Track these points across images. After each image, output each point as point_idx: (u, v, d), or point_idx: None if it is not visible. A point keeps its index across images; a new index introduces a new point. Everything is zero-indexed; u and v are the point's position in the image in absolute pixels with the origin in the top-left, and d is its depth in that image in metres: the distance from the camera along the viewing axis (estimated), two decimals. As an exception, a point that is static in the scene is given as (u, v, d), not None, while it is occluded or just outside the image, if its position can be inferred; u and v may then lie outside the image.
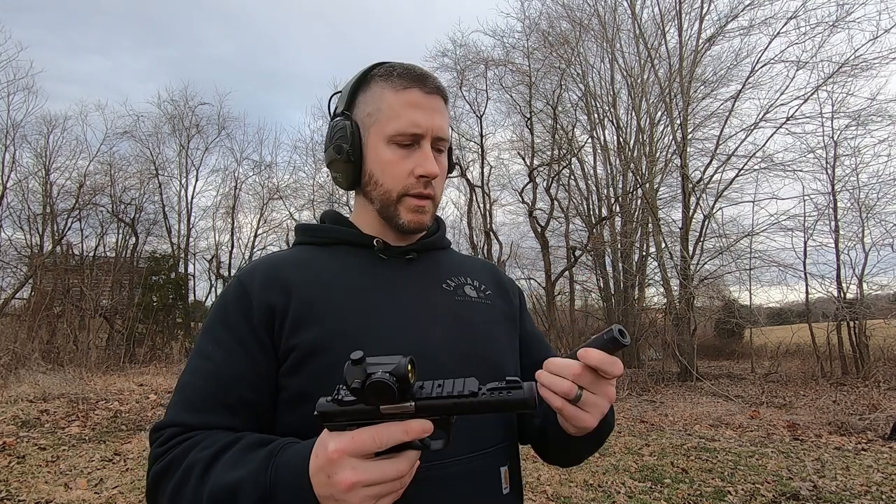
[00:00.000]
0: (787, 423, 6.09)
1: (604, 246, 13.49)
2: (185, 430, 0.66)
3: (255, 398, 0.69)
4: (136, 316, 12.93)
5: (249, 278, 0.74)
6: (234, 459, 0.59)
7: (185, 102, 16.20)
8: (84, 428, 5.37)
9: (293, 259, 0.78)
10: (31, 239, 13.53)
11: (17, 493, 3.46)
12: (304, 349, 0.68)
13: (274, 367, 0.70)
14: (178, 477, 0.60)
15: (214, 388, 0.68)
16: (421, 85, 0.77)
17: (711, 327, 16.31)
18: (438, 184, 0.79)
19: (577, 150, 13.61)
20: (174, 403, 0.69)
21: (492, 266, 0.94)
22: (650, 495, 3.64)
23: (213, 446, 0.61)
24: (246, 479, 0.56)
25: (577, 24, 12.06)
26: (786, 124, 10.35)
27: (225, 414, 0.67)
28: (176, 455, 0.63)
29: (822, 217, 10.54)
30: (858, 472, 4.14)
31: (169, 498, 0.61)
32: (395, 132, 0.76)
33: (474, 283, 0.85)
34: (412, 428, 0.50)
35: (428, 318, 0.75)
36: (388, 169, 0.77)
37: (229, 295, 0.74)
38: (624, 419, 6.53)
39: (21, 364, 8.18)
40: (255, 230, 16.64)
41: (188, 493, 0.59)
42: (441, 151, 0.80)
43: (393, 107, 0.76)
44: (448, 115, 0.81)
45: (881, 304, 11.06)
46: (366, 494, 0.51)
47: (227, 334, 0.70)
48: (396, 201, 0.78)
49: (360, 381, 0.48)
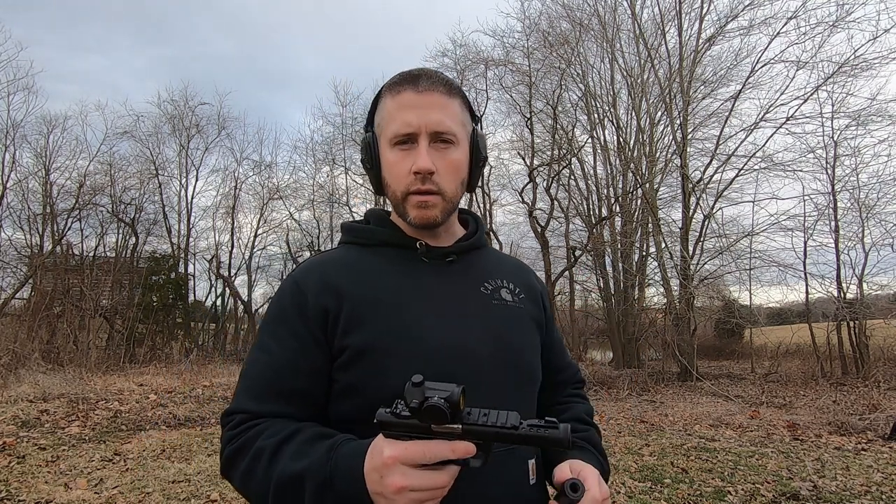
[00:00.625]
0: (787, 423, 6.10)
1: (604, 246, 13.50)
2: (252, 416, 0.73)
3: (309, 388, 0.76)
4: (136, 316, 12.93)
5: (305, 281, 0.80)
6: (297, 450, 0.67)
7: (185, 102, 16.22)
8: (84, 428, 5.37)
9: (343, 260, 0.84)
10: (31, 239, 13.55)
11: (17, 493, 3.46)
12: (354, 348, 0.74)
13: (328, 361, 0.76)
14: (249, 460, 0.69)
15: (272, 379, 0.75)
16: (412, 85, 0.80)
17: (711, 327, 16.32)
18: (444, 178, 0.80)
19: (577, 150, 13.61)
20: (239, 392, 0.77)
21: (525, 268, 0.98)
22: (650, 495, 3.64)
23: (276, 436, 0.69)
24: (309, 468, 0.64)
25: (577, 24, 12.06)
26: (786, 124, 10.36)
27: (282, 402, 0.74)
28: (246, 440, 0.71)
29: (822, 217, 10.56)
30: (858, 472, 4.14)
31: (241, 477, 0.70)
32: (392, 134, 0.80)
33: (509, 286, 0.89)
34: (458, 448, 0.57)
35: (466, 320, 0.79)
36: (392, 170, 0.82)
37: (286, 295, 0.80)
38: (624, 419, 6.53)
39: (21, 364, 8.18)
40: (255, 230, 16.66)
41: (258, 474, 0.68)
42: (449, 143, 0.80)
43: (390, 111, 0.81)
44: (457, 109, 0.82)
45: (881, 304, 11.07)
46: (411, 498, 0.58)
47: (285, 331, 0.77)
48: (403, 200, 0.81)
49: (419, 402, 0.55)
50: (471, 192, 0.91)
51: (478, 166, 0.87)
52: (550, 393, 0.94)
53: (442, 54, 14.17)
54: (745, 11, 10.60)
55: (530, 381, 0.84)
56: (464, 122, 0.84)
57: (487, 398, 0.71)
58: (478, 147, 0.86)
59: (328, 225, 16.83)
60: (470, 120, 0.87)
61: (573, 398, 0.97)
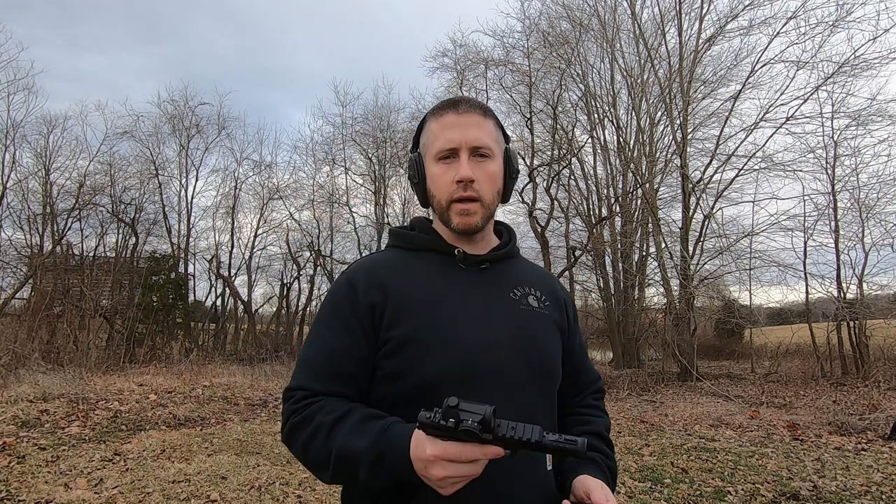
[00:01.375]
0: (787, 423, 6.09)
1: (604, 246, 13.49)
2: (311, 393, 0.85)
3: (358, 372, 0.87)
4: (136, 316, 12.93)
5: (356, 279, 0.91)
6: (353, 428, 0.78)
7: (185, 102, 16.23)
8: (84, 428, 5.37)
9: (389, 262, 0.95)
10: (31, 239, 13.56)
11: (17, 493, 3.46)
12: (397, 340, 0.85)
13: (373, 350, 0.87)
14: (309, 432, 0.81)
15: (328, 361, 0.87)
16: (453, 108, 0.93)
17: (711, 327, 16.31)
18: (483, 186, 0.91)
19: (577, 150, 13.61)
20: (299, 372, 0.88)
21: (551, 278, 1.08)
22: (650, 495, 3.64)
23: (333, 413, 0.81)
24: (364, 448, 0.75)
25: (577, 24, 12.05)
26: (786, 124, 10.36)
27: (336, 383, 0.86)
28: (306, 415, 0.82)
29: (822, 217, 10.56)
30: (858, 472, 4.14)
31: (301, 447, 0.82)
32: (437, 151, 0.92)
33: (536, 293, 0.98)
34: (489, 452, 0.67)
35: (495, 323, 0.89)
36: (436, 182, 0.93)
37: (340, 291, 0.91)
38: (624, 419, 6.53)
39: (21, 364, 8.18)
40: (255, 230, 16.66)
41: (318, 445, 0.80)
42: (486, 157, 0.92)
43: (434, 132, 0.94)
44: (492, 128, 0.95)
45: (881, 304, 11.07)
46: (450, 482, 0.69)
47: (338, 322, 0.89)
48: (447, 208, 0.92)
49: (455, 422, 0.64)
50: (505, 202, 1.01)
51: (511, 178, 0.98)
52: (571, 394, 1.03)
53: (442, 54, 14.18)
54: (745, 11, 10.61)
55: (549, 379, 0.93)
56: (498, 139, 0.96)
57: (508, 386, 0.85)
58: (510, 161, 0.98)
59: (328, 225, 16.85)
60: (503, 139, 0.99)
61: (594, 411, 1.05)
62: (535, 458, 0.86)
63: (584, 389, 1.05)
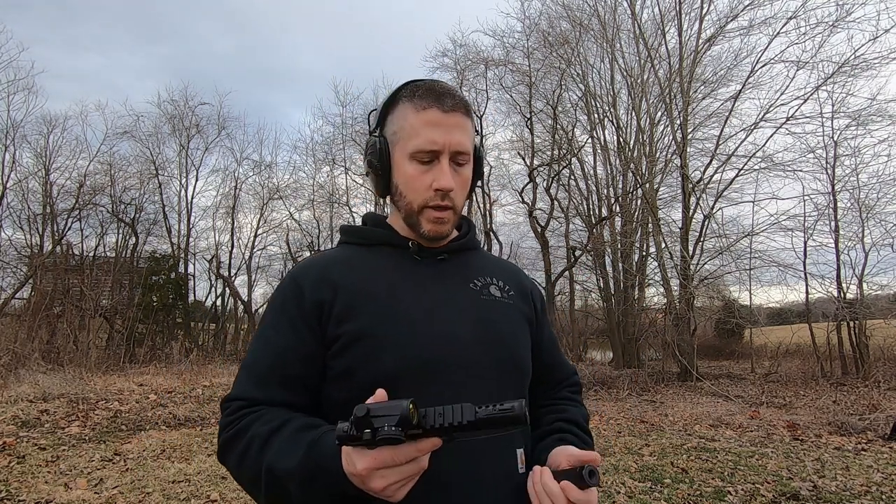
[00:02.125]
0: (787, 423, 6.09)
1: (604, 246, 13.49)
2: (249, 403, 0.78)
3: (306, 373, 0.81)
4: (136, 316, 12.93)
5: (302, 276, 0.85)
6: (289, 439, 0.71)
7: (185, 102, 16.24)
8: (84, 428, 5.37)
9: (341, 258, 0.89)
10: (31, 239, 13.56)
11: (17, 493, 3.46)
12: (348, 336, 0.79)
13: (322, 349, 0.81)
14: (242, 446, 0.74)
15: (273, 364, 0.80)
16: (439, 104, 0.84)
17: (711, 327, 16.31)
18: (458, 195, 0.86)
19: (577, 150, 13.62)
20: (240, 380, 0.81)
21: (517, 269, 1.03)
22: (650, 495, 3.64)
23: (270, 423, 0.74)
24: (293, 468, 0.68)
25: (577, 24, 12.06)
26: (786, 124, 10.36)
27: (280, 388, 0.79)
28: (241, 427, 0.75)
29: (822, 217, 10.56)
30: (858, 472, 4.14)
31: (235, 463, 0.75)
32: (415, 149, 0.83)
33: (499, 283, 0.93)
34: (423, 447, 0.60)
35: (455, 314, 0.84)
36: (410, 183, 0.85)
37: (285, 291, 0.85)
38: (624, 419, 6.53)
39: (21, 364, 8.18)
40: (255, 230, 16.66)
41: (249, 462, 0.72)
42: (462, 164, 0.86)
43: (414, 126, 0.84)
44: (471, 128, 0.88)
45: (881, 304, 11.06)
46: (394, 488, 0.62)
47: (284, 323, 0.82)
48: (418, 212, 0.86)
49: (371, 432, 0.56)
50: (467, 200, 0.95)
51: (477, 179, 0.93)
52: (544, 389, 0.98)
53: (442, 54, 14.24)
54: (745, 11, 10.61)
55: (517, 370, 0.88)
56: (473, 139, 0.89)
57: (473, 380, 0.79)
58: (480, 163, 0.92)
59: (328, 225, 16.84)
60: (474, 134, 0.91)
61: (568, 401, 0.99)
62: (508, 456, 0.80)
63: (558, 384, 1.00)
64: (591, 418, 6.78)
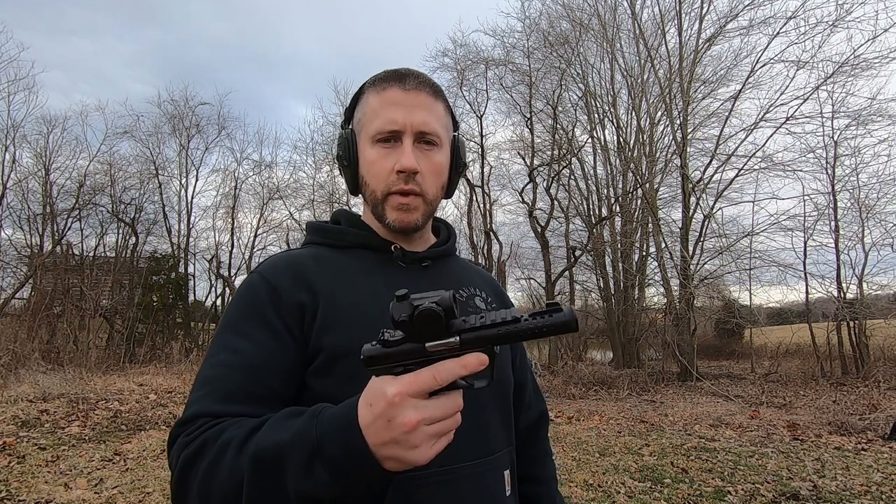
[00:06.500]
0: (787, 423, 6.09)
1: (604, 246, 13.49)
2: (214, 418, 0.63)
3: (285, 391, 0.68)
4: (136, 316, 12.93)
5: (276, 276, 0.74)
6: (274, 427, 0.57)
7: (185, 102, 16.21)
8: (84, 428, 5.37)
9: (315, 259, 0.78)
10: (31, 239, 13.54)
11: (17, 493, 3.46)
12: (332, 351, 0.69)
13: (303, 361, 0.70)
14: (214, 454, 0.58)
15: (245, 381, 0.66)
16: (399, 83, 0.78)
17: (711, 327, 16.32)
18: (427, 180, 0.78)
19: (577, 150, 13.62)
20: (199, 398, 0.65)
21: (491, 277, 0.98)
22: (650, 495, 3.64)
23: (248, 424, 0.60)
24: (292, 439, 0.54)
25: (577, 24, 12.06)
26: (786, 124, 10.37)
27: (255, 406, 0.64)
28: (209, 436, 0.60)
29: (822, 217, 10.57)
30: (858, 472, 4.14)
31: (201, 480, 0.58)
32: (375, 131, 0.77)
33: (482, 294, 0.88)
34: (469, 362, 0.50)
35: None
36: (372, 168, 0.78)
37: (256, 291, 0.73)
38: (624, 419, 6.53)
39: (21, 364, 8.18)
40: (255, 230, 16.64)
41: (224, 468, 0.56)
42: (432, 145, 0.79)
43: (374, 108, 0.78)
44: (441, 112, 0.81)
45: (881, 304, 11.06)
46: (427, 433, 0.51)
47: (258, 329, 0.69)
48: (382, 200, 0.78)
49: (408, 314, 0.49)
50: (448, 197, 0.87)
51: (457, 172, 0.85)
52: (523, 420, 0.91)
53: (442, 54, 14.24)
54: (745, 11, 10.63)
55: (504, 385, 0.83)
56: (447, 125, 0.82)
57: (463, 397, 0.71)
58: (458, 153, 0.84)
59: (328, 225, 16.81)
60: (452, 125, 0.85)
61: (546, 459, 0.94)
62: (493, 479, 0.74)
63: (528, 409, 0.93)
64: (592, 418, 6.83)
